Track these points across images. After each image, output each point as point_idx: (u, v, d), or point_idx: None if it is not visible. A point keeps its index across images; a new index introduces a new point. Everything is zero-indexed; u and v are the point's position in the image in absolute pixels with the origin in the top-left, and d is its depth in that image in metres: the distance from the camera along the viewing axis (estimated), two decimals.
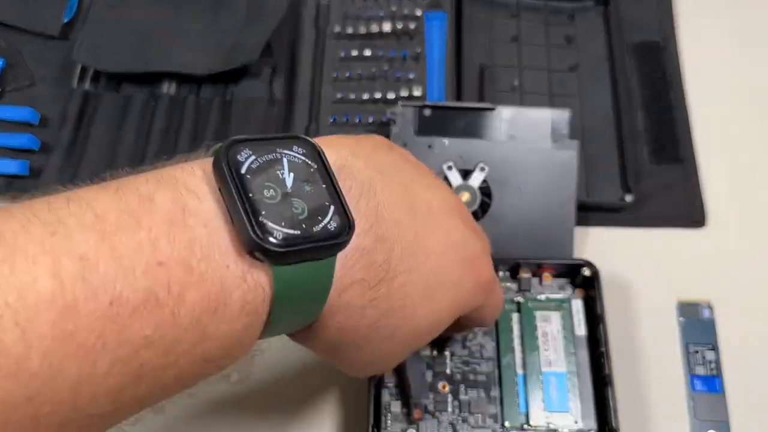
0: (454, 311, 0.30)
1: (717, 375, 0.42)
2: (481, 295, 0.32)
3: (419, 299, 0.27)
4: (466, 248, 0.30)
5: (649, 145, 0.50)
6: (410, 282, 0.27)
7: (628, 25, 0.54)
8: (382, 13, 0.53)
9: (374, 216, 0.25)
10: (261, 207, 0.22)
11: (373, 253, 0.25)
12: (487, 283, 0.32)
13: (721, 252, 0.47)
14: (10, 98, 0.51)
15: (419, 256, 0.27)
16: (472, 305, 0.32)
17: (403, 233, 0.26)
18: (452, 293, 0.29)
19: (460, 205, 0.32)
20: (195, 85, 0.52)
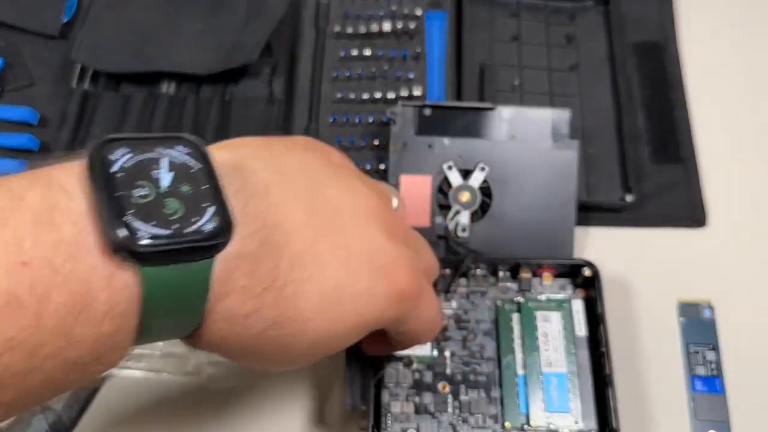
0: (362, 325, 0.28)
1: (717, 375, 0.42)
2: (397, 308, 0.29)
3: (313, 311, 0.26)
4: (378, 257, 0.28)
5: (650, 144, 0.50)
6: (302, 292, 0.25)
7: (629, 25, 0.54)
8: (382, 12, 0.53)
9: (262, 220, 0.24)
10: (128, 206, 0.21)
11: (258, 259, 0.24)
12: (405, 296, 0.29)
13: (722, 252, 0.47)
14: (9, 98, 0.51)
15: (315, 265, 0.25)
16: (387, 319, 0.29)
17: (297, 240, 0.25)
18: (357, 305, 0.27)
19: (382, 211, 0.29)
20: (194, 84, 0.52)
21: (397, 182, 0.45)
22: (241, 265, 0.23)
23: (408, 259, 0.29)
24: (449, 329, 0.42)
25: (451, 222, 0.44)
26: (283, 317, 0.25)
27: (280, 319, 0.25)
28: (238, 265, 0.23)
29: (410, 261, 0.29)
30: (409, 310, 0.30)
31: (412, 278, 0.29)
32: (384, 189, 0.33)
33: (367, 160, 0.48)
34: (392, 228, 0.29)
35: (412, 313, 0.30)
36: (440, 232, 0.44)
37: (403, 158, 0.45)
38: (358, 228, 0.27)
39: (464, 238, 0.44)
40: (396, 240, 0.29)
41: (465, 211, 0.45)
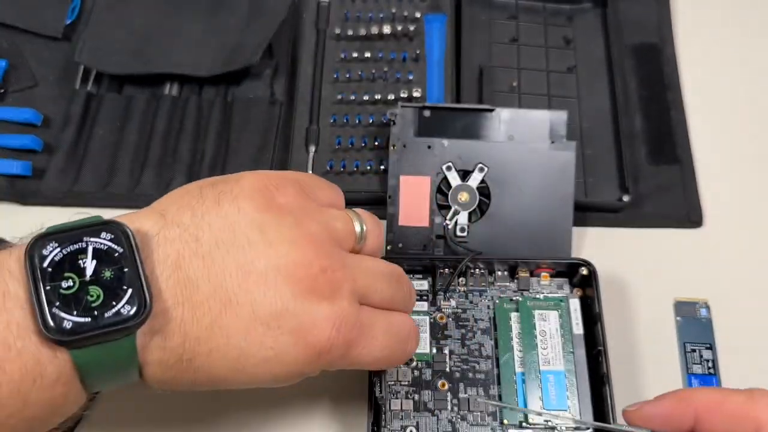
0: (284, 380, 0.30)
1: (714, 374, 0.43)
2: (319, 362, 0.29)
3: (225, 376, 0.28)
4: (286, 321, 0.28)
5: (647, 145, 0.50)
6: (210, 363, 0.27)
7: (626, 27, 0.55)
8: (382, 14, 0.53)
9: (173, 296, 0.26)
10: (54, 299, 0.24)
11: (168, 335, 0.26)
12: (324, 352, 0.29)
13: (718, 252, 0.47)
14: (12, 99, 0.51)
15: (220, 337, 0.27)
16: (313, 371, 0.30)
17: (203, 314, 0.27)
18: (269, 368, 0.28)
19: (298, 268, 0.28)
20: (197, 86, 0.52)
21: (397, 182, 0.45)
22: (153, 341, 0.26)
23: (324, 317, 0.29)
24: (448, 328, 0.42)
25: (450, 222, 0.45)
26: (202, 380, 0.28)
27: (200, 381, 0.28)
28: (152, 340, 0.26)
29: (327, 317, 0.29)
30: (340, 357, 0.30)
31: (330, 333, 0.29)
32: (338, 220, 0.32)
33: (367, 161, 0.48)
34: (310, 284, 0.28)
35: (351, 357, 0.30)
36: (439, 232, 0.45)
37: (403, 159, 0.45)
38: (267, 292, 0.28)
39: (463, 238, 0.45)
40: (312, 296, 0.28)
41: (464, 211, 0.45)
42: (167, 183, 0.48)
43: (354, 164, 0.48)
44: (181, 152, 0.49)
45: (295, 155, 0.48)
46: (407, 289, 0.35)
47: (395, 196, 0.45)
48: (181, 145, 0.50)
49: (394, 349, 0.32)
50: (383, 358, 0.32)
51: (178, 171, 0.49)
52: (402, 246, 0.45)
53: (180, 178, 0.48)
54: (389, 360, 0.33)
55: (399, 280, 0.34)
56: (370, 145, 0.49)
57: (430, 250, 0.45)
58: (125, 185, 0.48)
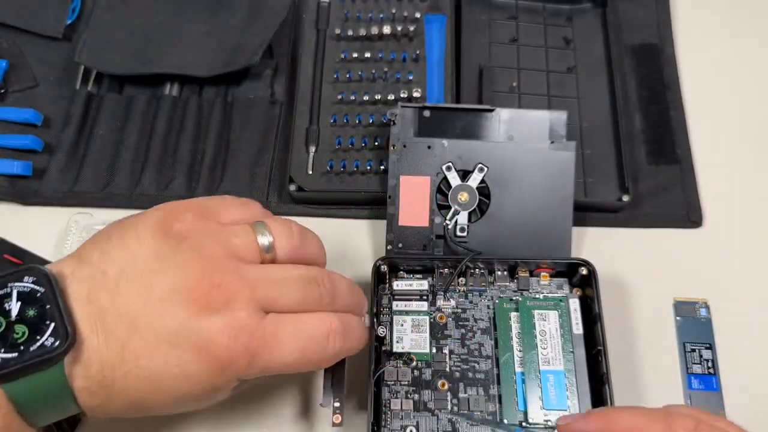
0: (200, 396, 0.31)
1: (713, 373, 0.43)
2: (226, 374, 0.31)
3: (146, 395, 0.30)
4: (184, 338, 0.30)
5: (647, 145, 0.50)
6: (128, 386, 0.29)
7: (626, 27, 0.55)
8: (382, 15, 0.53)
9: (89, 327, 0.29)
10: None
11: (87, 363, 0.28)
12: (228, 363, 0.30)
13: (718, 252, 0.47)
14: (13, 99, 0.51)
15: (132, 360, 0.29)
16: (225, 383, 0.31)
17: (113, 341, 0.29)
18: (178, 385, 0.30)
19: (195, 286, 0.30)
20: (197, 86, 0.52)
21: (397, 182, 0.45)
22: (77, 369, 0.28)
23: (219, 329, 0.30)
24: (448, 327, 0.42)
25: (450, 222, 0.45)
26: (126, 404, 0.30)
27: (130, 404, 0.30)
28: (75, 369, 0.28)
29: (222, 329, 0.30)
30: (246, 366, 0.31)
31: (228, 344, 0.30)
32: (237, 236, 0.33)
33: (367, 161, 0.48)
34: (203, 300, 0.30)
35: (259, 364, 0.31)
36: (439, 232, 0.45)
37: (403, 159, 0.45)
38: (165, 313, 0.30)
39: (463, 238, 0.45)
40: (206, 312, 0.30)
41: (464, 211, 0.45)
42: (167, 183, 0.49)
43: (354, 164, 0.48)
44: (182, 152, 0.49)
45: (295, 155, 0.48)
46: (327, 288, 0.34)
47: (395, 196, 0.45)
48: (181, 145, 0.50)
49: (308, 351, 0.32)
50: (295, 361, 0.32)
51: (179, 171, 0.49)
52: (402, 246, 0.45)
53: (180, 178, 0.48)
54: (305, 362, 0.33)
55: (313, 281, 0.33)
56: (370, 145, 0.49)
57: (430, 250, 0.45)
58: (125, 185, 0.48)
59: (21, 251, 0.46)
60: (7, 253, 0.46)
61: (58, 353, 0.27)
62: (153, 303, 0.30)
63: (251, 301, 0.31)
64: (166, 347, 0.30)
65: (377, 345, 0.41)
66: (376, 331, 0.41)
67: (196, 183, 0.49)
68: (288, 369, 0.33)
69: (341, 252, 0.47)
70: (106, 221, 0.46)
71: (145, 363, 0.29)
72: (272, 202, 0.49)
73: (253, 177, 0.49)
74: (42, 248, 0.46)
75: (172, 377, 0.30)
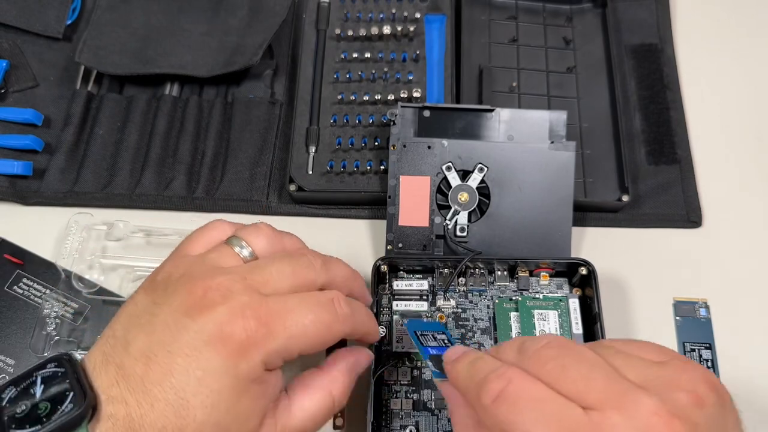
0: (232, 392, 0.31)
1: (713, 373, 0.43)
2: (252, 356, 0.31)
3: (175, 420, 0.30)
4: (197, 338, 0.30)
5: (647, 146, 0.51)
6: (159, 415, 0.30)
7: (626, 27, 0.55)
8: (382, 15, 0.53)
9: (108, 383, 0.30)
10: (11, 423, 0.29)
11: (113, 418, 0.30)
12: (245, 340, 0.31)
13: (717, 252, 0.47)
14: (13, 99, 0.51)
15: (154, 386, 0.30)
16: (251, 368, 0.31)
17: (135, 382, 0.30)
18: (207, 385, 0.30)
19: (191, 298, 0.32)
20: (197, 86, 0.53)
21: (397, 182, 0.45)
22: (100, 426, 0.29)
23: (227, 315, 0.31)
24: (448, 327, 0.42)
25: (450, 222, 0.45)
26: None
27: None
28: (107, 429, 0.29)
29: (229, 313, 0.31)
30: (265, 339, 0.31)
31: (239, 323, 0.31)
32: (216, 252, 0.34)
33: (367, 161, 0.48)
34: (200, 303, 0.31)
35: (279, 336, 0.31)
36: (439, 232, 0.45)
37: (403, 159, 0.45)
38: (172, 330, 0.31)
39: (463, 238, 0.45)
40: (207, 309, 0.31)
41: (464, 211, 0.45)
42: (167, 183, 0.49)
43: (354, 164, 0.48)
44: (182, 152, 0.49)
45: (295, 155, 0.48)
46: (319, 262, 0.35)
47: (395, 196, 0.45)
48: (181, 146, 0.50)
49: (320, 314, 0.33)
50: (312, 324, 0.32)
51: (179, 171, 0.49)
52: (402, 246, 0.45)
53: (180, 178, 0.49)
54: (321, 327, 0.33)
55: (302, 257, 0.35)
56: (370, 145, 0.49)
57: (430, 250, 0.45)
58: (126, 185, 0.48)
59: (21, 251, 0.46)
60: (7, 253, 0.46)
61: (77, 415, 0.29)
62: (160, 332, 0.31)
63: (247, 288, 0.32)
64: (182, 359, 0.30)
65: (377, 345, 0.41)
66: None
67: (196, 183, 0.49)
68: (309, 338, 0.32)
69: (341, 252, 0.47)
70: (107, 221, 0.47)
71: (168, 384, 0.30)
72: (272, 202, 0.49)
73: (253, 177, 0.49)
74: (42, 248, 0.46)
75: (196, 382, 0.30)
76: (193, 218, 0.48)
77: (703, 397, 0.26)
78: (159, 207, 0.48)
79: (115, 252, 0.46)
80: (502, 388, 0.27)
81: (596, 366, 0.27)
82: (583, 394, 0.26)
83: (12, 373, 0.42)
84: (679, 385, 0.26)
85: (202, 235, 0.36)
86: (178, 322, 0.31)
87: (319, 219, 0.48)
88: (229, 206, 0.48)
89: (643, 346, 0.29)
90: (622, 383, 0.26)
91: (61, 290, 0.44)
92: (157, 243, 0.47)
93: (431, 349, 0.35)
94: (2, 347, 0.43)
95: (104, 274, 0.45)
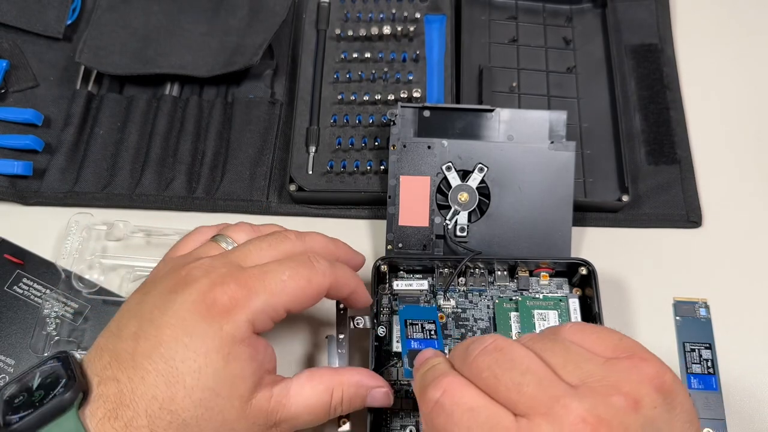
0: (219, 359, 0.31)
1: (713, 373, 0.43)
2: (236, 316, 0.32)
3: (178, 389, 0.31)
4: (182, 309, 0.32)
5: (647, 146, 0.51)
6: (149, 391, 0.30)
7: (626, 28, 0.55)
8: (382, 15, 0.53)
9: (102, 368, 0.31)
10: (9, 410, 0.30)
11: (103, 398, 0.30)
12: (226, 302, 0.32)
13: (717, 252, 0.47)
14: (14, 99, 0.51)
15: (143, 366, 0.31)
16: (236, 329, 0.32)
17: (127, 360, 0.31)
18: (194, 349, 0.31)
19: (175, 278, 0.34)
20: (197, 86, 0.53)
21: (397, 182, 0.45)
22: (98, 407, 0.30)
23: (207, 284, 0.32)
24: (448, 327, 0.42)
25: (450, 222, 0.45)
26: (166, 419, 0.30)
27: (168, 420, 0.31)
28: (97, 408, 0.30)
29: (209, 282, 0.33)
30: (247, 299, 0.32)
31: (219, 288, 0.32)
32: (202, 252, 0.36)
33: (367, 161, 0.48)
34: (183, 280, 0.33)
35: (260, 294, 0.33)
36: (439, 232, 0.45)
37: (403, 159, 0.45)
38: (156, 306, 0.32)
39: (463, 238, 0.45)
40: (188, 285, 0.33)
41: (464, 211, 0.45)
42: (167, 183, 0.49)
43: (354, 164, 0.48)
44: (182, 152, 0.50)
45: (295, 155, 0.49)
46: (296, 236, 0.37)
47: (395, 196, 0.45)
48: (181, 146, 0.50)
49: (299, 272, 0.34)
50: (293, 282, 0.34)
51: (179, 171, 0.49)
52: (402, 246, 0.45)
53: (180, 178, 0.49)
54: (302, 283, 0.34)
55: (279, 234, 0.37)
56: (370, 145, 0.49)
57: (430, 250, 0.45)
58: (126, 185, 0.48)
59: (21, 251, 0.46)
60: (7, 253, 0.46)
61: (66, 398, 0.30)
62: (148, 311, 0.33)
63: (227, 263, 0.34)
64: (169, 329, 0.31)
65: (377, 345, 0.41)
66: (376, 331, 0.41)
67: (196, 183, 0.49)
68: (290, 292, 0.34)
69: None
70: (107, 221, 0.47)
71: (157, 355, 0.31)
72: (272, 202, 0.49)
73: (253, 177, 0.49)
74: (42, 248, 0.46)
75: (184, 348, 0.31)
76: (193, 218, 0.48)
77: (639, 399, 0.26)
78: (159, 207, 0.48)
79: (116, 252, 0.46)
80: (438, 398, 0.28)
81: (529, 371, 0.27)
82: (514, 401, 0.26)
83: (12, 373, 0.42)
84: (618, 387, 0.26)
85: (188, 239, 0.39)
86: (164, 299, 0.33)
87: (319, 219, 0.48)
88: (229, 206, 0.48)
89: (601, 338, 0.29)
90: (554, 388, 0.26)
91: (61, 290, 0.44)
92: (157, 243, 0.47)
93: (414, 342, 0.36)
94: (2, 347, 0.43)
95: (104, 274, 0.45)
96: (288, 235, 0.37)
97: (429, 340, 0.36)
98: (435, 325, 0.37)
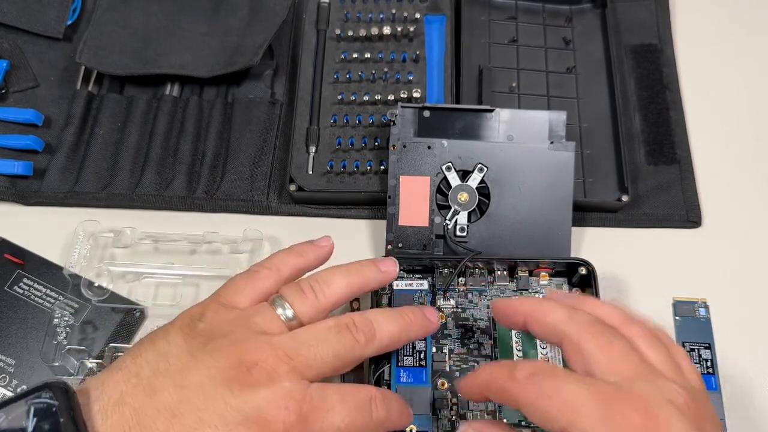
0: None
1: (713, 373, 0.43)
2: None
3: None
4: (233, 414, 0.30)
5: (646, 146, 0.51)
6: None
7: (626, 28, 0.55)
8: (382, 15, 0.53)
9: (120, 428, 0.29)
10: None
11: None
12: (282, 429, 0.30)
13: (717, 252, 0.47)
14: (14, 99, 0.51)
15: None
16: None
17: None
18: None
19: (232, 368, 0.31)
20: (197, 86, 0.53)
21: (397, 182, 0.45)
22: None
23: (268, 401, 0.30)
24: (448, 327, 0.43)
25: (449, 222, 0.45)
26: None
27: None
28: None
29: (271, 400, 0.30)
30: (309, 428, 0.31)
31: (279, 414, 0.30)
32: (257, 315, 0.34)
33: (367, 161, 0.48)
34: (244, 379, 0.31)
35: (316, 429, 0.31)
36: (439, 232, 0.45)
37: (403, 159, 0.46)
38: (206, 397, 0.30)
39: (462, 238, 0.45)
40: (250, 389, 0.30)
41: (463, 211, 0.45)
42: (168, 183, 0.49)
43: (354, 164, 0.48)
44: (182, 152, 0.50)
45: (295, 155, 0.49)
46: (360, 327, 0.35)
47: (395, 196, 0.45)
48: (181, 146, 0.50)
49: (355, 417, 0.33)
50: (346, 427, 0.32)
51: (179, 171, 0.49)
52: (402, 246, 0.45)
53: (180, 178, 0.49)
54: (353, 429, 0.33)
55: (343, 328, 0.34)
56: (370, 145, 0.49)
57: (430, 250, 0.45)
58: (126, 185, 0.48)
59: (22, 251, 0.46)
60: (7, 253, 0.46)
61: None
62: (193, 391, 0.30)
63: (292, 371, 0.32)
64: (211, 429, 0.29)
65: None
66: None
67: (196, 183, 0.49)
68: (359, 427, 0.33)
69: (341, 252, 0.47)
70: (114, 228, 0.46)
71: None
72: (272, 202, 0.49)
73: (253, 177, 0.49)
74: (43, 248, 0.46)
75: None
76: (194, 218, 0.48)
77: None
78: (159, 207, 0.48)
79: (123, 258, 0.46)
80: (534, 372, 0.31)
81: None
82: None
83: (12, 373, 0.42)
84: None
85: (246, 284, 0.36)
86: (215, 389, 0.30)
87: (319, 219, 0.48)
88: (230, 206, 0.48)
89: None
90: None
91: (70, 298, 0.44)
92: (165, 249, 0.47)
93: (403, 372, 0.38)
94: (2, 347, 0.43)
95: (113, 281, 0.45)
96: (353, 326, 0.34)
97: (418, 369, 0.38)
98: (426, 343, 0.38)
